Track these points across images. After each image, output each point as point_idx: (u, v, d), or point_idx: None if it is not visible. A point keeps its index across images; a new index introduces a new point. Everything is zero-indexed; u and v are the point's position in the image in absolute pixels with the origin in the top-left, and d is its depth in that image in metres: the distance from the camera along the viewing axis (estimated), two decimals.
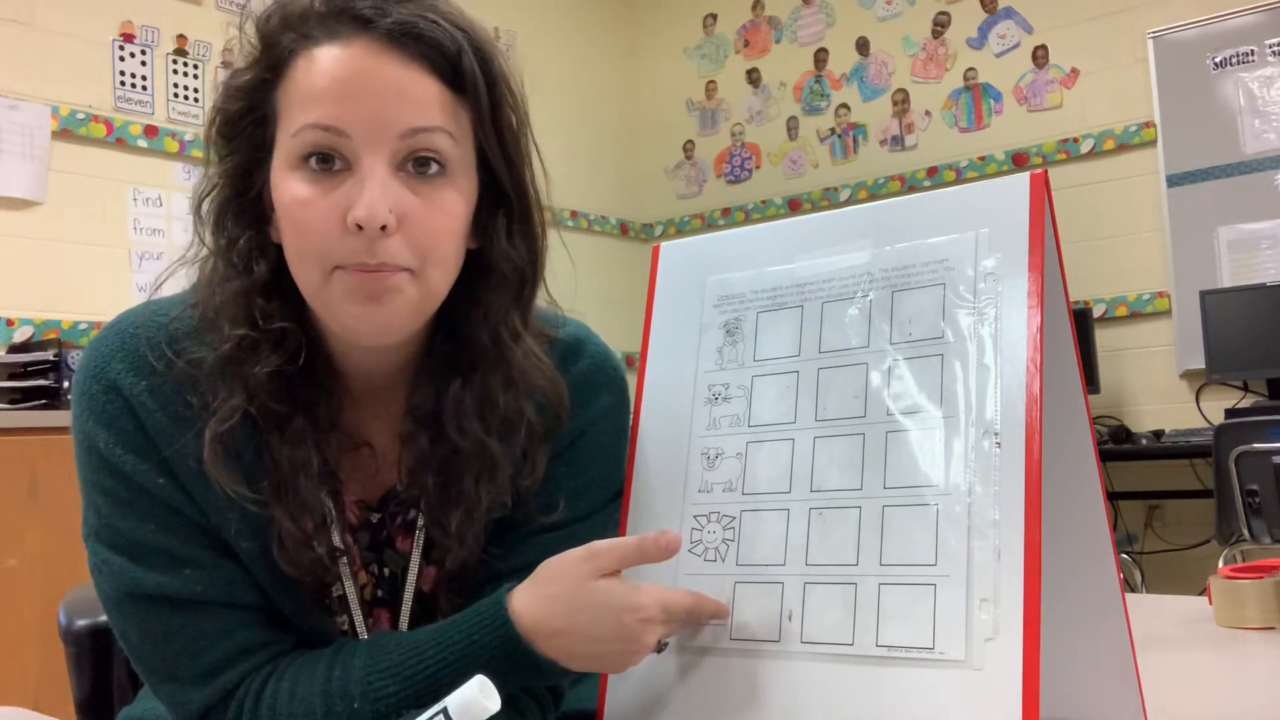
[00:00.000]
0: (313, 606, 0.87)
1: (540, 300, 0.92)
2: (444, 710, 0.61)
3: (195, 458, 0.81)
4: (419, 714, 0.62)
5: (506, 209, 0.85)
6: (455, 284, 0.84)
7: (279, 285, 0.83)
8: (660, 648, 0.80)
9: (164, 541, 0.81)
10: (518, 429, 0.86)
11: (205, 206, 0.85)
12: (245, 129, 0.82)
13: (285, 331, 0.82)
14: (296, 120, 0.78)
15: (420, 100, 0.78)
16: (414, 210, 0.78)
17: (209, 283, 0.84)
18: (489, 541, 0.89)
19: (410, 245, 0.78)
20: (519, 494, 0.88)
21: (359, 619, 0.89)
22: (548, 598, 0.78)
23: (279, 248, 0.82)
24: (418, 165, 0.79)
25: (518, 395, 0.86)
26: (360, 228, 0.75)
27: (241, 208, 0.83)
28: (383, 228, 0.76)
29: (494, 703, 0.60)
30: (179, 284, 0.89)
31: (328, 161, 0.78)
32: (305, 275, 0.80)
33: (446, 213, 0.80)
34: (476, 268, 0.85)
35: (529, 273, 0.87)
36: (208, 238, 0.85)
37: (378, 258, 0.77)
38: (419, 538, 0.89)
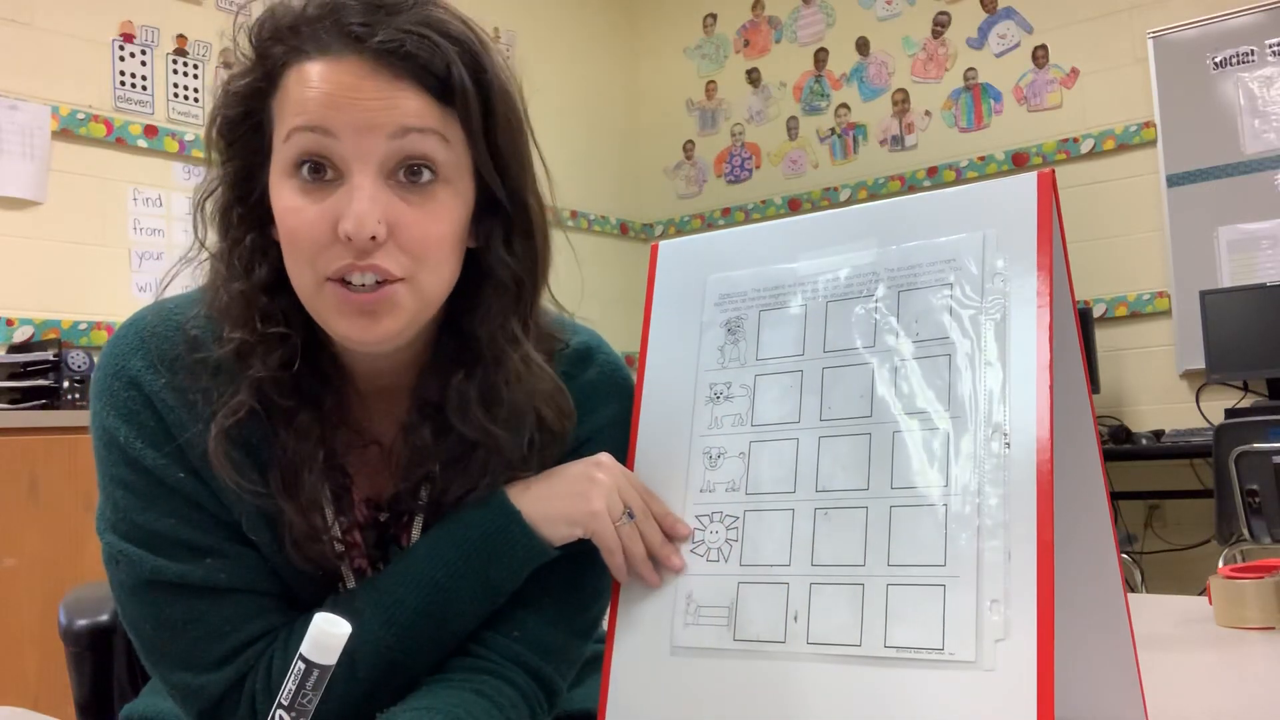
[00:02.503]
0: (326, 595, 0.89)
1: (548, 305, 0.93)
2: (300, 657, 0.61)
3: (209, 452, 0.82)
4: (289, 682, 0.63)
5: (503, 217, 0.85)
6: (458, 282, 0.85)
7: (283, 286, 0.83)
8: (627, 513, 0.84)
9: (184, 533, 0.83)
10: (524, 423, 0.87)
11: (208, 207, 0.86)
12: (244, 133, 0.83)
13: (284, 335, 0.83)
14: (287, 125, 0.79)
15: (408, 110, 0.78)
16: (405, 218, 0.78)
17: (213, 284, 0.85)
18: None
19: (403, 253, 0.79)
20: None
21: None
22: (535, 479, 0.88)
23: (260, 251, 0.84)
24: (410, 174, 0.79)
25: (524, 393, 0.87)
26: (349, 239, 0.76)
27: (244, 210, 0.84)
28: (372, 238, 0.77)
29: (341, 628, 0.61)
30: (181, 283, 0.89)
31: (319, 171, 0.78)
32: (299, 281, 0.81)
33: (439, 219, 0.80)
34: (476, 271, 0.86)
35: (528, 280, 0.87)
36: (210, 239, 0.86)
37: (366, 261, 0.78)
38: (416, 532, 0.90)
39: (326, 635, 0.61)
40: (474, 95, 0.80)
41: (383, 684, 0.84)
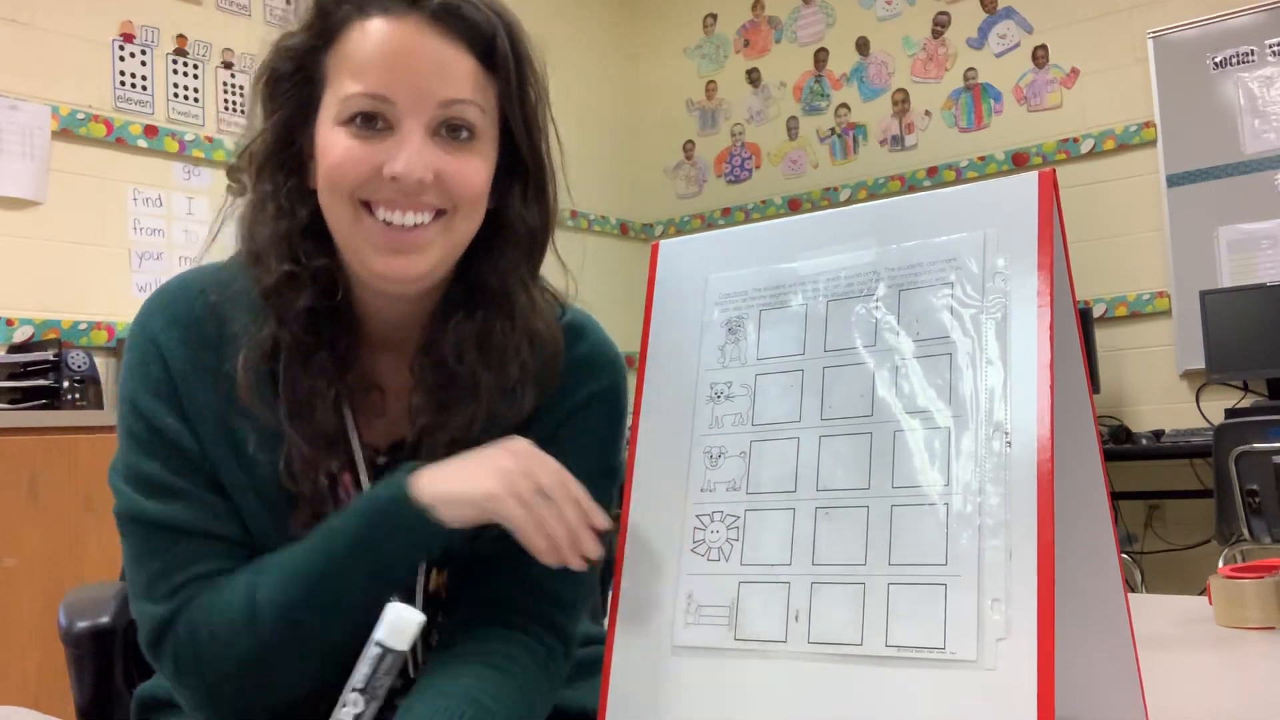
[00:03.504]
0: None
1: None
2: (375, 643, 0.66)
3: (209, 405, 0.91)
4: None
5: (523, 175, 0.95)
6: (474, 242, 0.94)
7: (317, 229, 0.92)
8: (539, 495, 0.85)
9: (164, 478, 0.91)
10: (510, 364, 0.94)
11: (249, 154, 0.94)
12: (293, 87, 0.92)
13: (322, 269, 0.91)
14: (347, 87, 0.88)
15: (457, 75, 0.89)
16: (447, 167, 0.88)
17: (252, 223, 0.94)
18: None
19: (443, 194, 0.89)
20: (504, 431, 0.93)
21: None
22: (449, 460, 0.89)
23: (301, 193, 0.92)
24: (450, 130, 0.89)
25: (516, 335, 0.94)
26: (394, 179, 0.86)
27: (285, 157, 0.93)
28: (419, 182, 0.87)
29: (416, 616, 0.68)
30: (176, 263, 0.91)
31: (371, 121, 0.88)
32: (338, 215, 0.90)
33: (474, 171, 0.90)
34: (493, 227, 0.95)
35: (540, 234, 0.96)
36: (251, 183, 0.94)
37: (410, 199, 0.87)
38: None
39: (403, 622, 0.69)
40: (511, 60, 0.91)
41: (287, 641, 0.88)
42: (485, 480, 0.85)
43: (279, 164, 0.92)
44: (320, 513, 0.92)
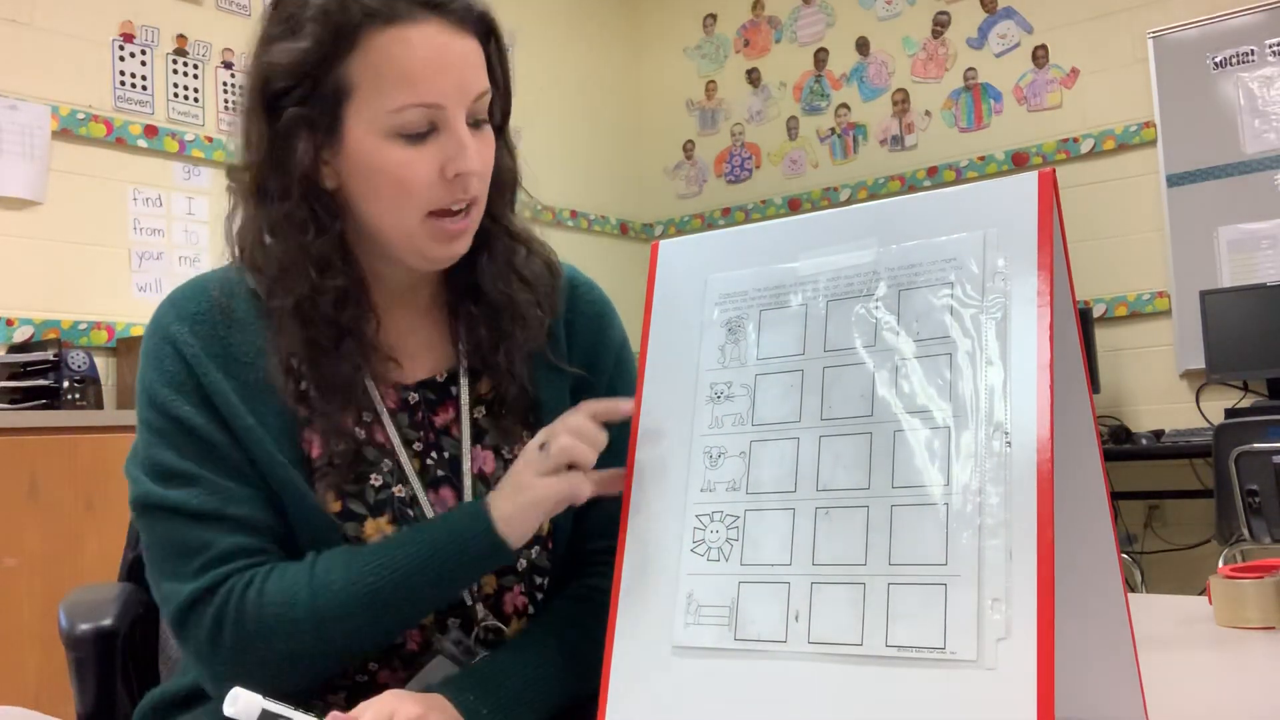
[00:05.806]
0: (333, 525, 0.97)
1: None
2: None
3: (223, 388, 0.95)
4: None
5: (500, 133, 1.05)
6: None
7: (332, 235, 0.97)
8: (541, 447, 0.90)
9: (178, 465, 0.94)
10: (535, 282, 1.06)
11: (247, 168, 0.98)
12: (300, 99, 0.94)
13: (343, 287, 0.97)
14: (396, 98, 0.92)
15: (479, 67, 0.96)
16: (485, 155, 0.98)
17: (257, 237, 0.98)
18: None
19: (482, 179, 0.98)
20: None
21: (418, 488, 1.01)
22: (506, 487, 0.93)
23: (328, 204, 0.97)
24: (475, 123, 0.97)
25: (528, 256, 1.07)
26: (459, 175, 0.94)
27: (290, 166, 0.95)
28: (474, 171, 0.95)
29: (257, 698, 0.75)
30: (176, 277, 0.91)
31: (419, 128, 0.93)
32: (401, 222, 0.96)
33: (492, 149, 1.01)
34: None
35: (515, 175, 1.08)
36: (250, 195, 0.98)
37: (469, 194, 0.96)
38: (465, 416, 1.04)
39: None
40: (496, 39, 1.00)
41: (346, 644, 0.93)
42: (543, 489, 0.90)
43: (284, 174, 0.95)
44: (361, 473, 0.98)
